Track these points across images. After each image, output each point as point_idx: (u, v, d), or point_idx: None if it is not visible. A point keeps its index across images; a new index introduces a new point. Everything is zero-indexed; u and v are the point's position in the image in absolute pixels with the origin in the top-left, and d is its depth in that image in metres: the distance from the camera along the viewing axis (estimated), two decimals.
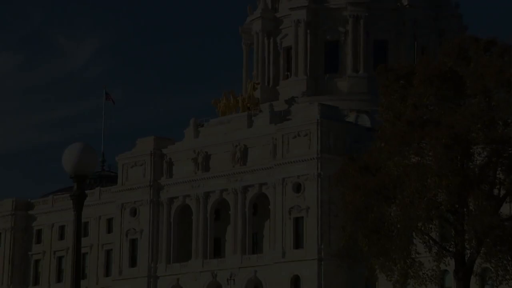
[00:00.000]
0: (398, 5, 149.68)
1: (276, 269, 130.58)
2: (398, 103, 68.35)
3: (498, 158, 63.39)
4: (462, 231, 64.96)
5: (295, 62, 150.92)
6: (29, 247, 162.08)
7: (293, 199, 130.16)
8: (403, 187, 63.49)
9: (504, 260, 64.65)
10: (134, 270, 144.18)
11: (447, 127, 62.82)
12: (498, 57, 64.16)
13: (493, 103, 64.41)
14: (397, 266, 66.53)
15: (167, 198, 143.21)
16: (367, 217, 65.99)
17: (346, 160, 70.85)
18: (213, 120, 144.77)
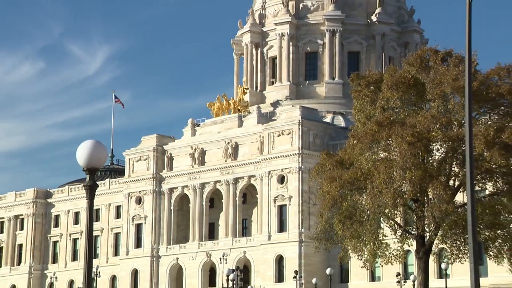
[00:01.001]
0: (369, 21, 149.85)
1: (262, 250, 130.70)
2: (368, 106, 68.35)
3: (453, 154, 63.43)
4: (422, 217, 65.00)
5: (280, 70, 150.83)
6: (48, 231, 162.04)
7: (278, 189, 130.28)
8: (372, 179, 63.44)
9: (457, 241, 64.80)
10: (139, 251, 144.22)
11: (410, 127, 62.82)
12: (454, 66, 64.10)
13: (449, 106, 64.40)
14: (367, 247, 66.56)
15: (168, 189, 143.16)
16: (341, 205, 66.01)
17: (324, 155, 70.76)
18: (208, 120, 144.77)
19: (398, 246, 68.90)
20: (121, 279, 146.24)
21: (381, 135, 64.35)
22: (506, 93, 63.83)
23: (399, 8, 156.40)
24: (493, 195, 64.92)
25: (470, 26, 31.10)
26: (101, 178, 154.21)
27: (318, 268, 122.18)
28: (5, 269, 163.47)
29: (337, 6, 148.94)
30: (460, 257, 65.54)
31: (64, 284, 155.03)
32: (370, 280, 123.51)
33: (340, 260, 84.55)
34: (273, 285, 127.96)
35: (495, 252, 65.24)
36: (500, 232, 64.44)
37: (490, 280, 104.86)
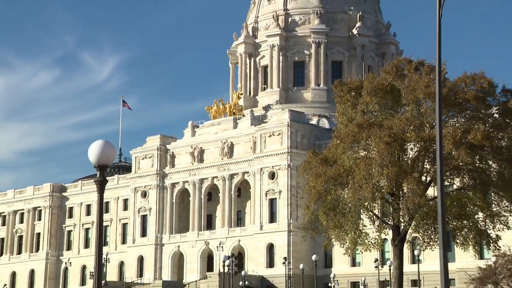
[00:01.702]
0: (350, 34, 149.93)
1: (255, 238, 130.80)
2: (350, 110, 68.39)
3: (425, 152, 63.49)
4: (398, 209, 65.03)
5: (270, 78, 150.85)
6: (63, 221, 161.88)
7: (269, 184, 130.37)
8: (353, 175, 63.48)
9: (429, 231, 64.88)
10: (144, 239, 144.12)
11: (387, 129, 62.87)
12: (426, 75, 64.21)
13: (422, 110, 64.48)
14: (348, 236, 66.59)
15: (170, 184, 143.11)
16: (326, 198, 66.00)
17: (310, 154, 70.76)
18: (206, 122, 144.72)
19: (376, 235, 68.95)
20: (128, 264, 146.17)
21: (361, 136, 64.40)
22: (471, 98, 63.96)
23: (377, 22, 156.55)
24: (460, 189, 65.07)
25: (440, 39, 31.28)
26: (110, 174, 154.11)
27: (305, 254, 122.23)
28: (25, 255, 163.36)
29: (322, 21, 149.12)
30: (431, 244, 65.65)
31: (77, 269, 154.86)
32: (351, 265, 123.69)
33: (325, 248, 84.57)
34: (264, 270, 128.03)
35: (462, 240, 65.35)
36: (466, 222, 64.56)
37: (457, 264, 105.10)
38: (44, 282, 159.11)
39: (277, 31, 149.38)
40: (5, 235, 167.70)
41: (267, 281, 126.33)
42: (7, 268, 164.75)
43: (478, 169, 63.47)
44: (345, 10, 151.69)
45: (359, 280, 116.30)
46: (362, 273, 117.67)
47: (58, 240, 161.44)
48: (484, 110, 65.12)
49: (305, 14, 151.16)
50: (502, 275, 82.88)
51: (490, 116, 65.23)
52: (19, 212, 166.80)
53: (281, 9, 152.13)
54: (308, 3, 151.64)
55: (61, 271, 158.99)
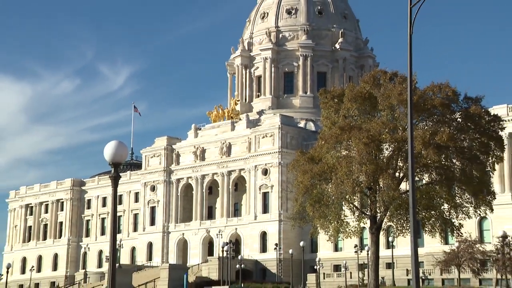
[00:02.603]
0: (333, 49, 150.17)
1: (250, 227, 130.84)
2: (333, 115, 68.35)
3: (399, 152, 63.49)
4: (375, 201, 65.06)
5: (263, 86, 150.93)
6: (82, 211, 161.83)
7: (262, 180, 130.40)
8: (336, 171, 63.46)
9: (401, 220, 64.81)
10: (153, 228, 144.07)
11: (366, 131, 62.89)
12: (399, 84, 64.23)
13: (395, 115, 64.47)
14: (331, 225, 66.52)
15: (175, 179, 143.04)
16: (312, 192, 65.92)
17: (298, 153, 70.70)
18: (207, 125, 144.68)
19: (356, 224, 68.93)
20: (139, 249, 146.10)
21: (343, 137, 64.38)
22: (438, 105, 64.03)
23: (356, 39, 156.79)
24: (428, 184, 65.12)
25: (411, 54, 31.35)
26: (123, 171, 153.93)
27: (294, 241, 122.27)
28: (49, 241, 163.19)
29: (309, 37, 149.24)
30: (403, 232, 65.64)
31: (95, 253, 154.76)
32: (334, 250, 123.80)
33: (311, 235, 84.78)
34: (258, 255, 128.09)
35: (430, 228, 65.39)
36: (434, 213, 64.63)
37: (426, 249, 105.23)
38: (66, 264, 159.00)
39: (270, 45, 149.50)
40: (32, 223, 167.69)
41: (261, 264, 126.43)
42: (34, 252, 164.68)
43: (444, 166, 63.52)
44: (329, 28, 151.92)
45: (341, 263, 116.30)
46: (343, 257, 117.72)
47: (78, 228, 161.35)
48: (449, 115, 65.20)
49: (294, 31, 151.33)
50: (463, 258, 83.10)
51: (454, 120, 65.30)
52: (44, 203, 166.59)
53: (273, 26, 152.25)
54: (296, 21, 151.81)
55: (80, 255, 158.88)
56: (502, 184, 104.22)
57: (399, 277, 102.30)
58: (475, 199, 64.55)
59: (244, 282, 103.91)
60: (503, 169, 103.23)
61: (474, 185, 63.61)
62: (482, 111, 66.00)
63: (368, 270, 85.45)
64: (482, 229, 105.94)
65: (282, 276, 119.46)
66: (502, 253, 75.76)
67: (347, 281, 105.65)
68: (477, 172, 63.95)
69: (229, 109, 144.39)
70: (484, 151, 65.00)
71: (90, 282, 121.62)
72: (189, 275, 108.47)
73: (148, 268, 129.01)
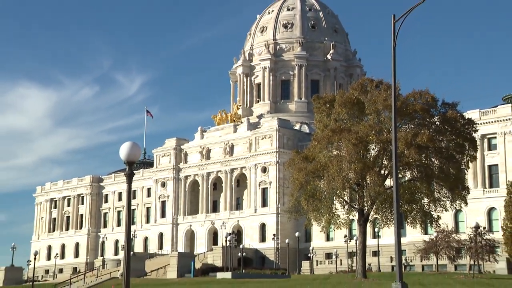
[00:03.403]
0: (325, 59, 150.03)
1: (250, 219, 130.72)
2: (325, 118, 68.51)
3: (384, 152, 63.62)
4: (362, 196, 65.18)
5: (263, 93, 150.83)
6: (100, 205, 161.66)
7: (261, 177, 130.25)
8: (328, 169, 63.57)
9: (386, 213, 64.95)
10: (163, 220, 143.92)
11: (354, 133, 62.98)
12: (384, 91, 64.35)
13: (381, 119, 64.59)
14: (324, 217, 66.65)
15: (183, 176, 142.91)
16: (306, 188, 66.04)
17: (294, 153, 70.88)
18: (212, 128, 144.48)
19: (345, 216, 69.08)
20: (151, 239, 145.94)
21: (334, 139, 64.51)
22: (419, 110, 64.16)
23: (346, 50, 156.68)
24: (410, 180, 65.26)
25: (394, 63, 31.33)
26: (137, 168, 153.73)
27: (290, 232, 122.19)
28: (71, 231, 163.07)
29: (303, 48, 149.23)
30: (387, 223, 65.75)
31: (111, 243, 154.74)
32: (326, 240, 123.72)
33: (305, 226, 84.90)
34: (258, 244, 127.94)
35: (411, 219, 65.52)
36: (415, 206, 64.75)
37: (408, 239, 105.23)
38: (86, 252, 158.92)
39: (268, 56, 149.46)
40: (56, 215, 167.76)
41: (260, 252, 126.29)
42: (58, 241, 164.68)
43: (424, 165, 63.62)
44: (321, 40, 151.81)
45: (332, 252, 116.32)
46: (334, 246, 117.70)
47: (96, 220, 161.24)
48: (429, 119, 65.31)
49: (290, 43, 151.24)
50: (441, 246, 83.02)
51: (433, 124, 65.41)
52: (67, 198, 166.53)
53: (271, 39, 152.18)
54: (292, 35, 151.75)
55: (99, 244, 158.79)
56: (475, 180, 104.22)
57: (384, 264, 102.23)
58: (452, 194, 64.68)
59: (245, 269, 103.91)
60: (476, 167, 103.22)
61: (450, 182, 63.74)
62: (457, 115, 66.16)
63: (356, 257, 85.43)
64: (457, 220, 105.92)
65: (279, 263, 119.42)
66: (475, 241, 75.92)
67: (337, 267, 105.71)
68: (453, 170, 64.08)
69: (232, 113, 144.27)
70: (460, 151, 65.12)
71: (107, 268, 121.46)
72: (196, 262, 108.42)
73: (159, 256, 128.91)
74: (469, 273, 73.59)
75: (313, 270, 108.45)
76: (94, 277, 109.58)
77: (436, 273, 79.62)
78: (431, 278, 63.20)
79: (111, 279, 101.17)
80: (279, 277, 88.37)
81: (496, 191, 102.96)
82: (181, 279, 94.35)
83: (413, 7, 30.18)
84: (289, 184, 77.18)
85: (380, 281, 56.04)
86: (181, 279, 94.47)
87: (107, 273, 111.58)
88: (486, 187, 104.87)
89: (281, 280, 77.11)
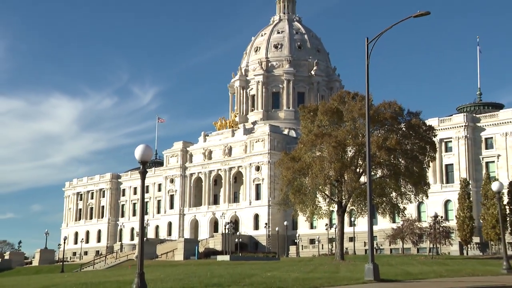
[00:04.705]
0: (310, 74, 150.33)
1: (246, 211, 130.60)
2: (309, 125, 68.38)
3: (359, 153, 63.65)
4: (341, 190, 65.16)
5: (256, 103, 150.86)
6: (118, 198, 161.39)
7: (255, 174, 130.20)
8: (312, 168, 63.51)
9: (361, 205, 64.98)
10: (172, 211, 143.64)
11: (334, 137, 62.97)
12: (359, 101, 64.37)
13: (357, 125, 64.64)
14: (308, 208, 66.55)
15: (189, 174, 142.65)
16: (293, 184, 65.97)
17: (283, 154, 70.76)
18: (213, 132, 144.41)
19: (327, 208, 69.11)
20: (161, 227, 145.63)
21: (317, 142, 64.44)
22: (388, 118, 64.20)
23: (327, 67, 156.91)
24: (381, 177, 65.27)
25: (368, 79, 31.36)
26: (149, 167, 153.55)
27: (279, 221, 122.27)
28: (94, 220, 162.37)
29: (291, 65, 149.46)
30: (362, 213, 65.77)
31: (128, 230, 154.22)
32: (310, 228, 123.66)
33: (293, 216, 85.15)
34: (252, 231, 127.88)
35: (382, 210, 65.51)
36: (385, 199, 64.76)
37: (379, 226, 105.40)
38: (106, 238, 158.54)
39: (261, 72, 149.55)
40: (82, 207, 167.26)
41: (254, 238, 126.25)
42: (83, 228, 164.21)
43: (392, 164, 63.67)
44: (306, 59, 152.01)
45: (315, 238, 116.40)
46: (317, 233, 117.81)
47: (115, 210, 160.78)
48: (396, 125, 65.36)
49: (280, 60, 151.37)
50: (406, 233, 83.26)
51: (400, 129, 65.45)
52: (90, 192, 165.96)
53: (264, 57, 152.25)
54: (281, 54, 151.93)
55: (117, 231, 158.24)
56: (434, 177, 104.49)
57: (359, 248, 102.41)
58: (415, 189, 64.77)
59: (241, 252, 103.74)
60: (436, 166, 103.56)
61: (414, 178, 63.83)
62: (420, 122, 66.30)
63: (335, 242, 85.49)
64: (420, 211, 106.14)
65: (270, 248, 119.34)
66: (433, 228, 76.27)
67: (319, 251, 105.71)
68: (417, 168, 64.15)
69: (230, 120, 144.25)
70: (422, 152, 65.24)
71: (124, 251, 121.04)
72: (199, 246, 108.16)
73: (168, 241, 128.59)
74: (428, 255, 73.84)
75: (299, 253, 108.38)
76: (113, 258, 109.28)
77: (402, 255, 79.72)
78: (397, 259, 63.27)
79: (128, 260, 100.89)
80: (270, 259, 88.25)
81: (452, 186, 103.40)
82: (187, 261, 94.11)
83: (383, 31, 30.28)
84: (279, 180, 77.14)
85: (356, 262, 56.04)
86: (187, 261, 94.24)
87: (124, 255, 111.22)
88: (443, 183, 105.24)
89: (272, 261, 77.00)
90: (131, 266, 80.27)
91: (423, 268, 42.33)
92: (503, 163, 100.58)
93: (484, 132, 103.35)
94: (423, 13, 29.69)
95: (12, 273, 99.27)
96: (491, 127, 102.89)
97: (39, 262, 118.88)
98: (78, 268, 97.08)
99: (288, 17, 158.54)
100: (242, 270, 41.82)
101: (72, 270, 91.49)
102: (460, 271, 36.94)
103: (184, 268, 56.00)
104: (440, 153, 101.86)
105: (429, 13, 29.67)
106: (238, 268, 46.23)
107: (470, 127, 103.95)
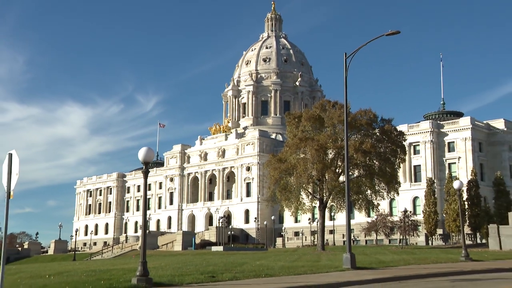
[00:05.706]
0: (295, 85, 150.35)
1: (238, 206, 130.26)
2: (294, 130, 68.58)
3: (338, 155, 63.87)
4: (322, 188, 65.31)
5: (247, 110, 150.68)
6: (123, 194, 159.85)
7: (246, 174, 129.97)
8: (296, 168, 63.67)
9: (340, 201, 65.13)
10: (172, 206, 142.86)
11: (316, 141, 63.19)
12: (339, 109, 64.66)
13: (336, 130, 64.91)
14: (293, 205, 66.69)
15: (187, 173, 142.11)
16: (280, 183, 66.11)
17: (271, 156, 70.92)
18: (208, 137, 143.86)
19: (309, 204, 69.27)
20: (162, 221, 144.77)
21: (301, 145, 64.64)
22: (364, 124, 64.53)
23: (310, 79, 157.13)
24: (358, 177, 65.49)
25: (346, 89, 31.49)
26: (151, 167, 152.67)
27: (267, 215, 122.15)
28: (102, 214, 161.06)
29: (278, 77, 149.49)
30: (341, 209, 65.92)
31: (132, 223, 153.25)
32: (294, 222, 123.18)
33: (279, 211, 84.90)
34: (243, 225, 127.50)
35: (358, 206, 65.73)
36: (361, 196, 65.01)
37: (356, 220, 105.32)
38: (113, 230, 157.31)
39: (251, 83, 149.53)
40: (91, 202, 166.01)
41: (245, 231, 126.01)
42: (93, 222, 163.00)
43: (368, 165, 63.93)
44: (291, 71, 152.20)
45: (299, 231, 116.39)
46: (301, 227, 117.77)
47: (121, 206, 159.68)
48: (371, 131, 65.67)
49: (268, 73, 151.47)
50: (379, 226, 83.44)
51: (374, 134, 65.78)
52: (99, 189, 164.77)
53: (254, 69, 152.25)
54: (269, 66, 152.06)
55: (123, 224, 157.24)
56: (404, 177, 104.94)
57: (338, 239, 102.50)
58: (388, 187, 65.07)
59: (233, 243, 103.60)
60: (405, 167, 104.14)
61: (387, 178, 64.12)
62: (392, 128, 66.63)
63: (317, 235, 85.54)
64: (392, 206, 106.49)
65: (259, 239, 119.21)
66: (403, 222, 76.53)
67: (303, 242, 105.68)
68: (389, 169, 64.44)
69: (224, 125, 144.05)
70: (394, 155, 65.54)
71: (129, 242, 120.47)
72: (196, 238, 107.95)
73: (168, 234, 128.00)
74: (399, 245, 74.09)
75: (285, 245, 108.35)
76: (119, 249, 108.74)
77: (376, 246, 79.93)
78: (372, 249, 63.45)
79: (132, 250, 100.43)
80: (259, 250, 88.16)
81: (419, 185, 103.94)
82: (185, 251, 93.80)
83: (359, 47, 30.49)
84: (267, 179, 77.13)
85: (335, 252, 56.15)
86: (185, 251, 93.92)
87: (129, 246, 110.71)
88: (412, 182, 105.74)
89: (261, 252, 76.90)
90: (135, 256, 79.89)
91: (394, 257, 42.52)
92: (463, 164, 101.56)
93: (447, 137, 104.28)
94: (394, 32, 29.91)
95: (30, 260, 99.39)
96: (453, 132, 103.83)
97: (53, 251, 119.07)
98: (88, 257, 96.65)
99: (275, 34, 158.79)
100: (234, 259, 41.78)
101: (83, 258, 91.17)
102: (426, 259, 37.24)
103: (182, 257, 55.85)
104: (409, 155, 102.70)
105: (399, 32, 29.88)
106: (230, 258, 46.18)
107: (435, 133, 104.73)
